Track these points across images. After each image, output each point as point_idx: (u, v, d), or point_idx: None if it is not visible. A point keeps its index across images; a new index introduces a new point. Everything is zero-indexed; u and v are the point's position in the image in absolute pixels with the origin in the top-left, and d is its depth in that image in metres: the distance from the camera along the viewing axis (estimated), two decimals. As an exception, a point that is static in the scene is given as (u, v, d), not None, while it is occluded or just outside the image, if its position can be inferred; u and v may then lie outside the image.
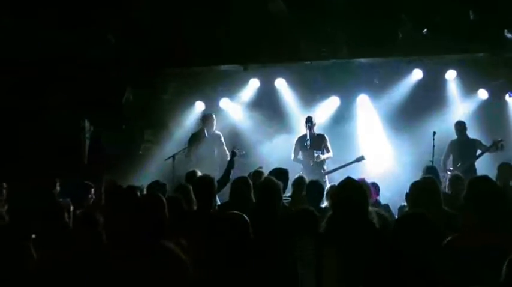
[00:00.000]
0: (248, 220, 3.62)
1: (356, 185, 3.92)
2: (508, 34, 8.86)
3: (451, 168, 8.67)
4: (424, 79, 9.88)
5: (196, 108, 10.38)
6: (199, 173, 6.49)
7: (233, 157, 7.70)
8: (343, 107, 10.25)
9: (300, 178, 6.69)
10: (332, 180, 8.11)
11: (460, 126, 8.98)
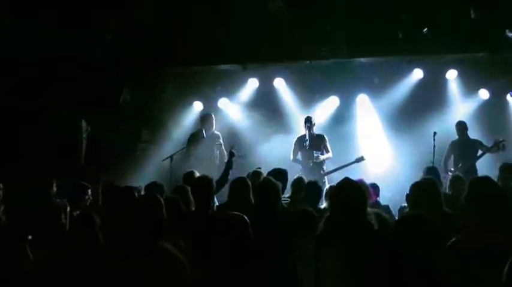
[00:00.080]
0: (248, 221, 3.61)
1: (354, 185, 3.90)
2: (509, 33, 8.85)
3: (452, 169, 8.64)
4: (425, 79, 9.84)
5: (194, 108, 10.37)
6: (197, 173, 6.45)
7: (231, 158, 7.68)
8: (342, 107, 10.23)
9: (299, 179, 6.67)
10: (332, 181, 8.06)
11: (461, 126, 8.94)
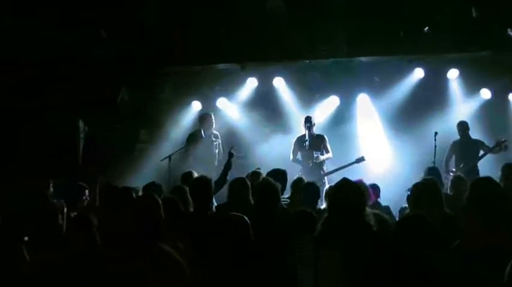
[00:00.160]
0: (249, 221, 3.64)
1: (352, 186, 3.88)
2: (511, 33, 8.79)
3: (453, 169, 8.61)
4: (426, 78, 9.79)
5: (193, 107, 10.34)
6: (195, 174, 6.43)
7: (230, 158, 7.63)
8: (343, 107, 10.18)
9: (299, 179, 6.64)
10: (332, 181, 7.96)
11: (463, 126, 8.90)
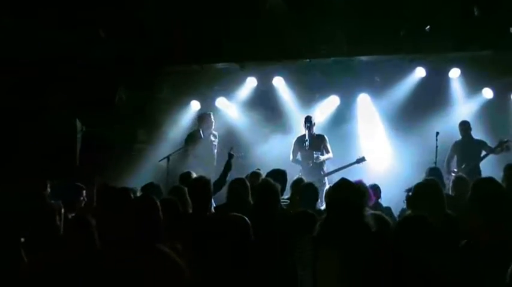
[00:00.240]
0: (249, 222, 3.64)
1: (350, 185, 3.87)
2: (513, 31, 8.69)
3: (455, 169, 8.57)
4: (427, 78, 9.75)
5: (191, 107, 10.32)
6: (194, 174, 6.40)
7: (230, 159, 7.59)
8: (343, 107, 10.15)
9: (299, 180, 6.61)
10: (332, 182, 7.86)
11: (464, 126, 8.87)
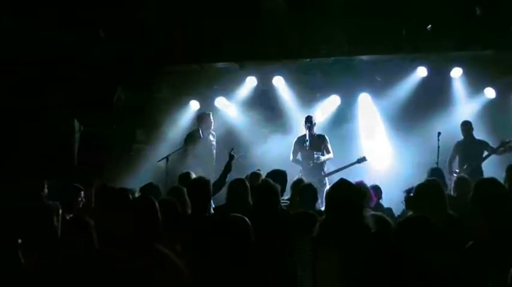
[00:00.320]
0: (249, 223, 3.64)
1: (349, 185, 3.85)
2: (515, 30, 8.65)
3: (457, 170, 8.54)
4: (429, 77, 9.72)
5: (191, 107, 10.31)
6: (193, 174, 6.40)
7: (231, 161, 7.58)
8: (344, 106, 10.14)
9: (299, 181, 6.59)
10: (333, 182, 7.84)
11: (466, 126, 8.84)
